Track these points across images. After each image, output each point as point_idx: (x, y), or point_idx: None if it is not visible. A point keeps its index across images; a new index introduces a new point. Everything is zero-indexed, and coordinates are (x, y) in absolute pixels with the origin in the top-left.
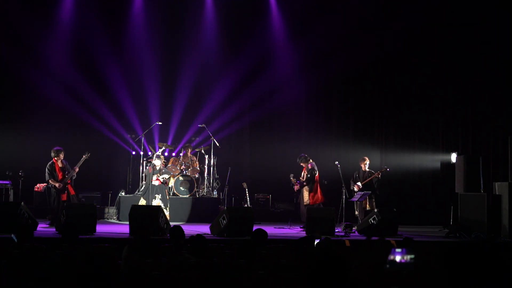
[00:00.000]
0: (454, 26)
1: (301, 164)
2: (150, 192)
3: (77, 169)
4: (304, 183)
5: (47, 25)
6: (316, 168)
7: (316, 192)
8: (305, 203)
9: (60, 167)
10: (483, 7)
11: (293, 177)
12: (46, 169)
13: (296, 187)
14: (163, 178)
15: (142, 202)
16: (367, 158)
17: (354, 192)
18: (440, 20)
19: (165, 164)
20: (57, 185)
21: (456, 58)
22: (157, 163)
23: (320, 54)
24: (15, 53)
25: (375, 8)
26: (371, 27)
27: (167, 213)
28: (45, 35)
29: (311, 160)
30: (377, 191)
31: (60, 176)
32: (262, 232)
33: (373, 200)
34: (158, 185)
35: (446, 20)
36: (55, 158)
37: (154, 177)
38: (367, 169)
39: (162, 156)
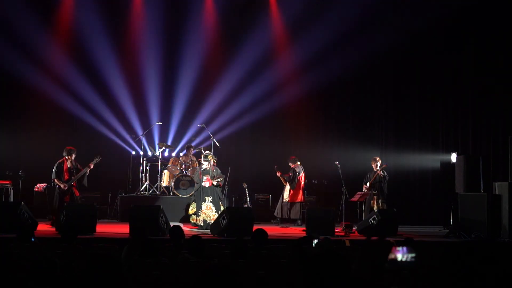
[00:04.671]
0: (454, 25)
1: (290, 164)
2: (201, 194)
3: (92, 165)
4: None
5: (47, 25)
6: (299, 170)
7: (296, 191)
8: (284, 200)
9: (68, 168)
10: (482, 6)
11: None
12: (54, 167)
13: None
14: (217, 181)
15: (193, 206)
16: (378, 158)
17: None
18: (439, 19)
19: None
20: (62, 186)
21: (456, 57)
22: (206, 164)
23: (320, 54)
24: (15, 53)
25: (375, 7)
26: (371, 27)
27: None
28: (45, 35)
29: (298, 163)
30: (386, 190)
31: (66, 177)
32: (262, 232)
33: (382, 201)
34: (209, 186)
35: (446, 19)
36: (66, 158)
37: (204, 178)
38: (378, 169)
39: (210, 157)
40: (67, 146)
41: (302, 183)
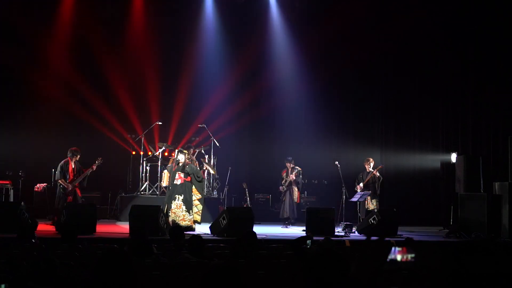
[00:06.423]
0: (454, 25)
1: (289, 164)
2: (170, 193)
3: (94, 167)
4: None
5: (47, 24)
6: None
7: (298, 191)
8: (295, 201)
9: (72, 168)
10: (483, 7)
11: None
12: (59, 167)
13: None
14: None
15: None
16: (371, 159)
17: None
18: (439, 20)
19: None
20: (67, 186)
21: (456, 57)
22: (181, 158)
23: (320, 54)
24: (15, 53)
25: (374, 8)
26: (371, 27)
27: (189, 217)
28: (45, 34)
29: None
30: (379, 191)
31: (70, 178)
32: (251, 234)
33: (376, 200)
34: (180, 184)
35: (446, 20)
36: (71, 158)
37: (176, 175)
38: (371, 170)
39: (186, 151)
40: (71, 147)
41: None
